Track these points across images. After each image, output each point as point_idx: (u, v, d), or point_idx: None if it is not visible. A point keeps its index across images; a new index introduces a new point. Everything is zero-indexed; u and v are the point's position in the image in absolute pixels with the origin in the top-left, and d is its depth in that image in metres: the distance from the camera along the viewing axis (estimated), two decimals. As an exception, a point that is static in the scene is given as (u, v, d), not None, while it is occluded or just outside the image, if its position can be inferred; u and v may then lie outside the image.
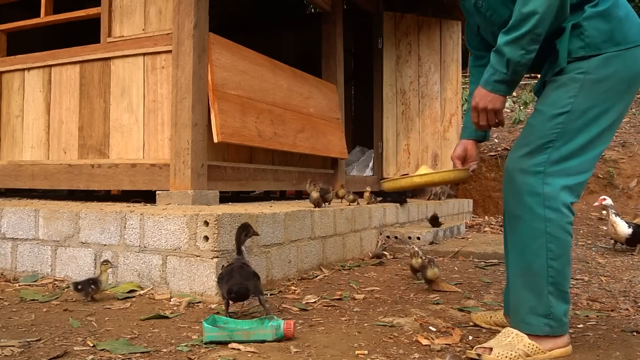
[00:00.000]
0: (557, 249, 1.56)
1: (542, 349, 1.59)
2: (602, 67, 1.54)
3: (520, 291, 1.64)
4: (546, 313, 1.59)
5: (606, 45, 1.54)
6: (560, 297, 1.59)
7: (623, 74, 1.56)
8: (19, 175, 3.71)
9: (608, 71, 1.55)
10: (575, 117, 1.56)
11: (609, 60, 1.54)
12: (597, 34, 1.54)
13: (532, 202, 1.56)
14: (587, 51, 1.54)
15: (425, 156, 5.72)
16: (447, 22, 5.83)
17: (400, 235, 4.00)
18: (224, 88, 3.26)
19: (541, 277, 1.58)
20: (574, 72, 1.56)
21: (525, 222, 1.59)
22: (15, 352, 1.62)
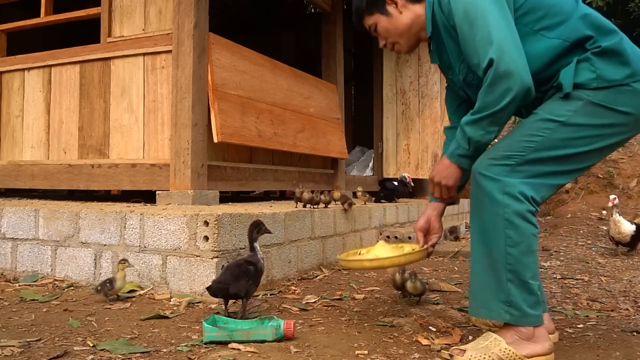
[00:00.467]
0: (515, 235, 1.54)
1: (519, 355, 1.55)
2: (612, 97, 1.56)
3: (481, 275, 1.62)
4: (506, 300, 1.56)
5: (618, 78, 1.55)
6: (522, 287, 1.55)
7: (632, 109, 1.57)
8: (19, 175, 3.71)
9: (617, 102, 1.56)
10: (566, 129, 1.57)
11: (620, 92, 1.55)
12: (608, 67, 1.55)
13: (492, 188, 1.56)
14: (599, 83, 1.55)
15: (425, 156, 5.72)
16: (447, 22, 5.83)
17: (400, 235, 4.00)
18: (224, 88, 3.26)
19: (500, 264, 1.56)
20: (581, 92, 1.57)
21: (486, 207, 1.59)
22: (15, 352, 1.62)
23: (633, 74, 1.56)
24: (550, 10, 1.60)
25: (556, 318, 2.09)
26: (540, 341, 1.57)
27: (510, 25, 1.55)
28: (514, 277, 1.55)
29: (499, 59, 1.50)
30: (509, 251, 1.54)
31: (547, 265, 3.43)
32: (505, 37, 1.52)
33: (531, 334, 1.57)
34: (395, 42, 1.86)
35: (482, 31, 1.54)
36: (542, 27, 1.60)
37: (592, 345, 1.79)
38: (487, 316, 1.62)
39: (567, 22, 1.59)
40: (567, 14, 1.60)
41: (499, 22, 1.54)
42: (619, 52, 1.56)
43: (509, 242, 1.54)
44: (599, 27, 1.58)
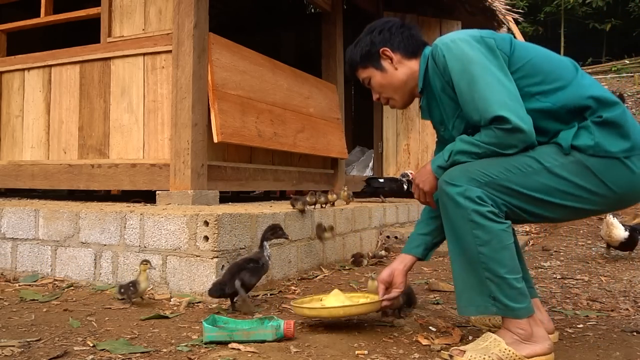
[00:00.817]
0: (483, 235, 1.54)
1: (519, 355, 1.55)
2: (605, 168, 1.53)
3: (462, 275, 1.63)
4: (489, 295, 1.57)
5: (615, 150, 1.53)
6: (500, 283, 1.55)
7: (619, 188, 1.55)
8: (19, 175, 3.71)
9: (607, 175, 1.53)
10: (547, 175, 1.55)
11: (613, 166, 1.53)
12: (607, 138, 1.53)
13: (454, 192, 1.57)
14: (596, 151, 1.53)
15: (425, 156, 5.72)
16: (447, 22, 5.83)
17: (400, 235, 4.00)
18: (224, 88, 3.26)
19: (475, 263, 1.57)
20: (576, 152, 1.55)
21: (451, 211, 1.60)
22: (15, 352, 1.62)
23: (632, 147, 1.53)
24: (548, 76, 1.59)
25: (556, 318, 2.09)
26: (539, 341, 1.58)
27: (510, 82, 1.55)
28: (491, 275, 1.55)
29: (507, 116, 1.49)
30: (480, 250, 1.55)
31: (547, 265, 3.43)
32: (509, 95, 1.52)
33: (530, 334, 1.57)
34: (390, 98, 1.85)
35: (483, 90, 1.53)
36: (539, 91, 1.58)
37: (592, 345, 1.79)
38: (475, 312, 1.63)
39: (565, 89, 1.58)
40: (565, 81, 1.59)
41: (500, 80, 1.54)
42: (620, 124, 1.53)
43: (478, 241, 1.55)
44: (599, 98, 1.55)
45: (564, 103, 1.56)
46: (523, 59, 1.61)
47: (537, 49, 1.67)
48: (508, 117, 1.49)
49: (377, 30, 1.80)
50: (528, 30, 16.62)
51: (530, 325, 1.58)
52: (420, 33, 1.82)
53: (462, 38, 1.61)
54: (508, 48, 1.61)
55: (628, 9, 16.30)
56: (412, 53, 1.77)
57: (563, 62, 1.65)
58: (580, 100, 1.56)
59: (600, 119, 1.53)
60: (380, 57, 1.78)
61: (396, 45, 1.77)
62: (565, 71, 1.61)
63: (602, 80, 12.86)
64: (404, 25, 1.80)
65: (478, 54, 1.57)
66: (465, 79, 1.57)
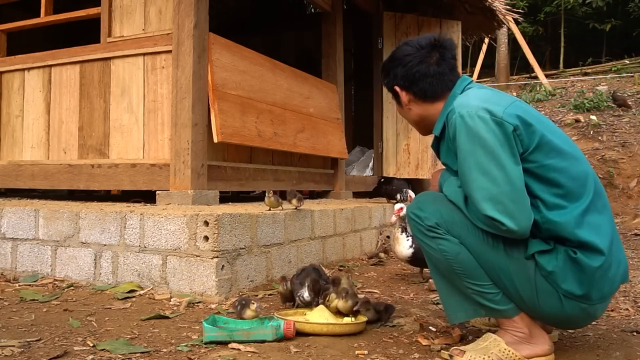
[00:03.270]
0: (448, 249, 1.57)
1: (518, 355, 1.56)
2: (545, 291, 1.52)
3: (444, 286, 1.65)
4: (475, 301, 1.58)
5: (563, 287, 1.51)
6: (481, 289, 1.56)
7: (549, 311, 1.55)
8: (19, 175, 3.71)
9: (545, 295, 1.52)
10: (498, 254, 1.54)
11: (554, 294, 1.52)
12: (565, 273, 1.50)
13: (412, 214, 1.66)
14: (548, 276, 1.51)
15: (425, 156, 5.72)
16: (447, 22, 5.83)
17: (400, 235, 4.00)
18: (224, 88, 3.26)
19: (451, 274, 1.60)
20: (534, 262, 1.53)
21: (412, 226, 1.67)
22: (15, 352, 1.62)
23: (580, 296, 1.49)
24: (567, 193, 1.51)
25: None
26: (539, 342, 1.58)
27: (515, 172, 1.47)
28: (470, 283, 1.57)
29: (499, 219, 1.45)
30: (451, 263, 1.57)
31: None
32: (509, 192, 1.46)
33: (528, 335, 1.58)
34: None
35: (483, 183, 1.48)
36: (542, 199, 1.51)
37: (592, 345, 1.79)
38: (465, 317, 1.64)
39: (564, 213, 1.49)
40: (571, 206, 1.50)
41: (505, 172, 1.46)
42: (587, 272, 1.47)
43: (448, 256, 1.58)
44: (586, 244, 1.48)
45: (552, 228, 1.50)
46: (551, 158, 1.52)
47: (574, 159, 1.56)
48: (500, 219, 1.46)
49: (402, 66, 1.71)
50: (528, 30, 16.60)
51: (528, 327, 1.58)
52: (451, 71, 1.69)
53: (482, 116, 1.50)
54: (532, 142, 1.50)
55: (628, 9, 16.29)
56: (432, 98, 1.70)
57: (588, 187, 1.54)
58: (568, 235, 1.49)
59: (575, 255, 1.48)
60: (395, 92, 1.76)
61: (414, 91, 1.70)
62: (581, 195, 1.52)
63: (602, 80, 12.85)
64: (431, 73, 1.67)
65: (491, 137, 1.48)
66: (469, 163, 1.51)
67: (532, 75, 14.44)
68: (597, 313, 1.58)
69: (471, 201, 1.53)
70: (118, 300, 2.30)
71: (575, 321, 1.61)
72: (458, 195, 1.59)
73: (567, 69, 15.64)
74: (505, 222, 1.45)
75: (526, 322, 1.59)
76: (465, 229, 1.57)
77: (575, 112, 10.48)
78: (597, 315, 1.59)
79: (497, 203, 1.46)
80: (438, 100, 1.69)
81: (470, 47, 15.21)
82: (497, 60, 14.64)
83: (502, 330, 1.62)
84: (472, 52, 16.07)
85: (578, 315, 1.55)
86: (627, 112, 10.04)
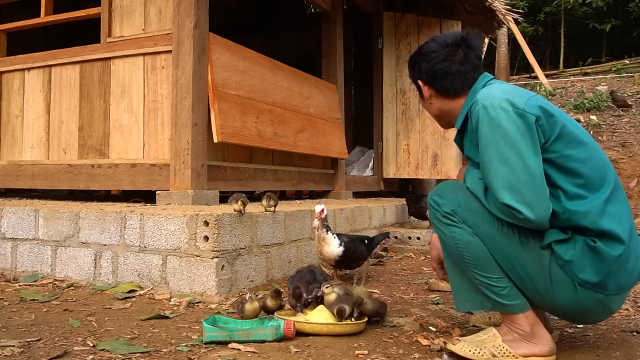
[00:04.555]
0: (460, 237, 1.61)
1: (514, 353, 1.55)
2: (560, 280, 1.53)
3: (456, 274, 1.68)
4: (481, 292, 1.60)
5: (580, 276, 1.51)
6: (488, 281, 1.58)
7: (561, 301, 1.56)
8: (19, 175, 3.71)
9: (559, 284, 1.53)
10: (512, 244, 1.56)
11: (569, 283, 1.53)
12: (583, 262, 1.51)
13: (431, 200, 1.70)
14: (565, 266, 1.52)
15: (425, 156, 5.72)
16: (447, 22, 5.83)
17: (400, 235, 4.00)
18: (224, 88, 3.26)
19: (462, 264, 1.62)
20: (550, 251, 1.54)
21: (431, 215, 1.72)
22: (15, 352, 1.62)
23: (595, 284, 1.50)
24: (587, 183, 1.52)
25: (556, 318, 2.09)
26: (539, 343, 1.57)
27: (536, 162, 1.49)
28: (478, 274, 1.59)
29: (517, 207, 1.47)
30: (463, 253, 1.60)
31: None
32: (528, 182, 1.47)
33: (529, 334, 1.57)
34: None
35: (502, 172, 1.50)
36: (564, 188, 1.53)
37: (592, 345, 1.79)
38: (471, 308, 1.67)
39: (586, 202, 1.51)
40: (593, 195, 1.52)
41: (524, 162, 1.48)
42: (606, 260, 1.48)
43: (460, 245, 1.61)
44: (607, 233, 1.49)
45: (572, 217, 1.51)
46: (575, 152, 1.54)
47: (594, 150, 1.58)
48: (517, 208, 1.47)
49: (427, 62, 1.74)
50: (528, 30, 16.59)
51: (531, 326, 1.58)
52: (474, 70, 1.71)
53: (504, 107, 1.53)
54: (553, 132, 1.53)
55: (628, 9, 16.29)
56: (453, 95, 1.73)
57: (608, 178, 1.56)
58: (590, 224, 1.50)
59: (594, 244, 1.49)
60: (418, 85, 1.80)
61: (436, 87, 1.74)
62: (601, 185, 1.53)
63: (602, 80, 12.85)
64: (453, 71, 1.70)
65: (513, 128, 1.51)
66: (489, 152, 1.53)
67: (532, 75, 14.43)
68: (612, 306, 1.57)
69: (490, 189, 1.55)
70: (118, 300, 2.30)
71: (590, 313, 1.60)
72: (478, 185, 1.62)
73: (567, 69, 15.64)
74: (522, 210, 1.47)
75: (529, 321, 1.58)
76: (480, 217, 1.59)
77: (575, 112, 10.49)
78: (612, 308, 1.58)
79: (515, 192, 1.48)
80: (459, 97, 1.72)
81: (470, 47, 15.21)
82: (497, 60, 14.63)
83: (504, 326, 1.62)
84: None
85: (592, 307, 1.55)
86: (626, 112, 10.04)
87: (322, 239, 2.58)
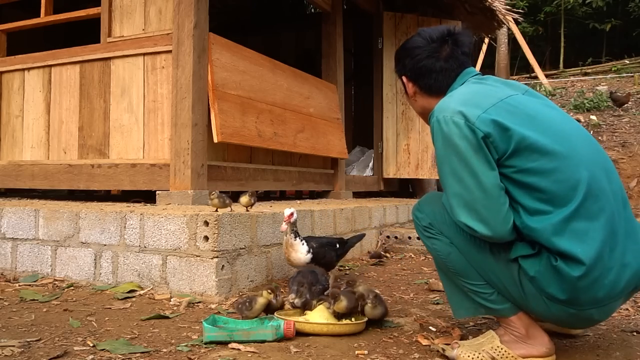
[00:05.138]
0: (440, 249, 1.63)
1: (512, 354, 1.55)
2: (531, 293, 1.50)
3: (447, 282, 1.70)
4: (472, 299, 1.61)
5: (547, 290, 1.47)
6: (475, 288, 1.58)
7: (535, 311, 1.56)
8: (19, 175, 3.71)
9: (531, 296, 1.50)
10: (484, 254, 1.55)
11: (538, 297, 1.49)
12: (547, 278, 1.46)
13: (413, 215, 1.74)
14: (532, 281, 1.48)
15: (425, 156, 5.72)
16: (447, 22, 5.82)
17: (400, 235, 4.00)
18: (224, 88, 3.26)
19: (450, 272, 1.64)
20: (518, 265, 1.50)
21: (414, 223, 1.74)
22: (15, 352, 1.62)
23: (563, 300, 1.44)
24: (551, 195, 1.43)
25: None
26: (536, 343, 1.57)
27: (490, 178, 1.42)
28: (464, 282, 1.60)
29: (471, 225, 1.45)
30: (446, 263, 1.63)
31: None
32: (481, 199, 1.43)
33: (525, 335, 1.57)
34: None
35: (456, 189, 1.47)
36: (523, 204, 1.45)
37: (592, 345, 1.79)
38: (466, 314, 1.67)
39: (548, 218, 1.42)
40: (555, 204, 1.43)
41: (476, 179, 1.43)
42: (568, 280, 1.40)
43: (441, 255, 1.63)
44: (565, 253, 1.40)
45: (531, 234, 1.45)
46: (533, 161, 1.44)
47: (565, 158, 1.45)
48: (473, 226, 1.45)
49: (411, 57, 1.69)
50: (528, 30, 16.60)
51: (526, 327, 1.58)
52: (460, 67, 1.66)
53: (456, 121, 1.46)
54: (509, 147, 1.43)
55: (628, 9, 16.30)
56: (437, 93, 1.67)
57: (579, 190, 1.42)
58: (545, 242, 1.43)
59: (555, 262, 1.42)
60: (402, 81, 1.76)
61: (420, 84, 1.70)
62: (569, 199, 1.42)
63: (602, 80, 12.85)
64: (437, 69, 1.65)
65: (465, 144, 1.44)
66: (445, 169, 1.50)
67: (532, 75, 14.43)
68: (594, 317, 1.49)
69: (448, 207, 1.54)
70: (118, 300, 2.30)
71: (570, 323, 1.59)
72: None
73: (567, 69, 15.64)
74: (477, 228, 1.44)
75: (524, 323, 1.58)
76: (453, 230, 1.58)
77: (575, 112, 10.49)
78: (594, 318, 1.51)
79: (470, 210, 1.45)
80: (442, 95, 1.66)
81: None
82: (497, 60, 14.63)
83: (502, 328, 1.62)
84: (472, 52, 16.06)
85: (569, 319, 1.52)
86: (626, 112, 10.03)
87: (289, 245, 2.42)
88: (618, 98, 10.18)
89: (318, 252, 2.46)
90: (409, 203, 4.82)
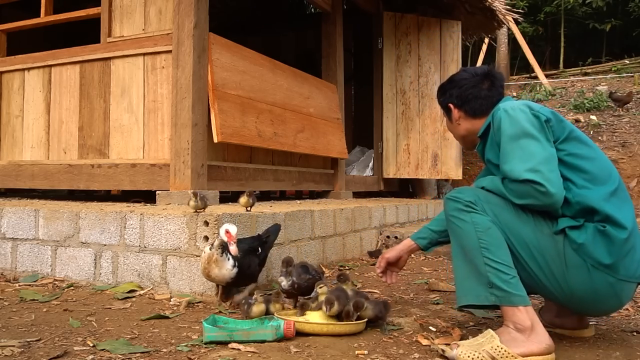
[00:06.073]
0: (481, 222, 1.69)
1: (512, 353, 1.55)
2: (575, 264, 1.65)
3: (461, 266, 1.73)
4: (487, 282, 1.63)
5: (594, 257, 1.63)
6: (499, 267, 1.63)
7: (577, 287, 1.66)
8: (19, 175, 3.71)
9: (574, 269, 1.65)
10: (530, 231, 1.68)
11: (583, 267, 1.64)
12: (595, 244, 1.64)
13: (451, 195, 1.81)
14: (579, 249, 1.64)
15: (425, 156, 5.72)
16: (447, 22, 5.83)
17: (400, 235, 4.00)
18: (224, 88, 3.26)
19: (475, 250, 1.67)
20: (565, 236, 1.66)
21: (448, 207, 1.79)
22: (15, 352, 1.62)
23: (607, 266, 1.62)
24: (593, 176, 1.69)
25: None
26: (536, 340, 1.57)
27: (550, 150, 1.67)
28: (489, 260, 1.64)
29: (538, 180, 1.60)
30: (480, 236, 1.68)
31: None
32: (547, 162, 1.63)
33: (529, 328, 1.58)
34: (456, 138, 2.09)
35: (520, 154, 1.65)
36: (571, 179, 1.69)
37: (592, 345, 1.79)
38: (474, 301, 1.67)
39: (590, 190, 1.67)
40: (596, 184, 1.68)
41: (543, 147, 1.66)
42: (616, 243, 1.62)
43: (479, 227, 1.69)
44: (611, 218, 1.63)
45: (583, 201, 1.66)
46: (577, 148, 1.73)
47: (600, 154, 1.77)
48: (539, 180, 1.61)
49: (458, 88, 1.95)
50: (528, 30, 16.59)
51: (532, 320, 1.59)
52: (498, 96, 1.92)
53: (522, 109, 1.73)
54: (562, 134, 1.73)
55: (628, 9, 16.29)
56: (480, 115, 1.92)
57: (613, 177, 1.73)
58: (597, 206, 1.65)
59: (603, 228, 1.62)
60: (448, 110, 1.99)
61: (466, 109, 1.94)
62: (601, 176, 1.71)
63: (602, 80, 12.85)
64: (482, 96, 1.91)
65: (530, 125, 1.70)
66: (511, 143, 1.70)
67: (532, 75, 14.43)
68: (622, 294, 1.66)
69: (511, 173, 1.66)
70: (118, 300, 2.30)
71: (602, 300, 1.67)
72: (494, 181, 1.76)
73: (567, 69, 15.63)
74: (544, 183, 1.60)
75: (530, 316, 1.60)
76: (500, 208, 1.71)
77: (575, 112, 10.48)
78: (622, 297, 1.67)
79: (536, 171, 1.62)
80: (484, 117, 1.91)
81: (470, 47, 15.22)
82: (497, 60, 14.63)
83: (503, 327, 1.63)
84: (472, 52, 16.06)
85: (604, 291, 1.63)
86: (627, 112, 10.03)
87: (213, 261, 2.10)
88: (620, 98, 10.16)
89: (242, 263, 2.15)
90: (409, 203, 4.82)
